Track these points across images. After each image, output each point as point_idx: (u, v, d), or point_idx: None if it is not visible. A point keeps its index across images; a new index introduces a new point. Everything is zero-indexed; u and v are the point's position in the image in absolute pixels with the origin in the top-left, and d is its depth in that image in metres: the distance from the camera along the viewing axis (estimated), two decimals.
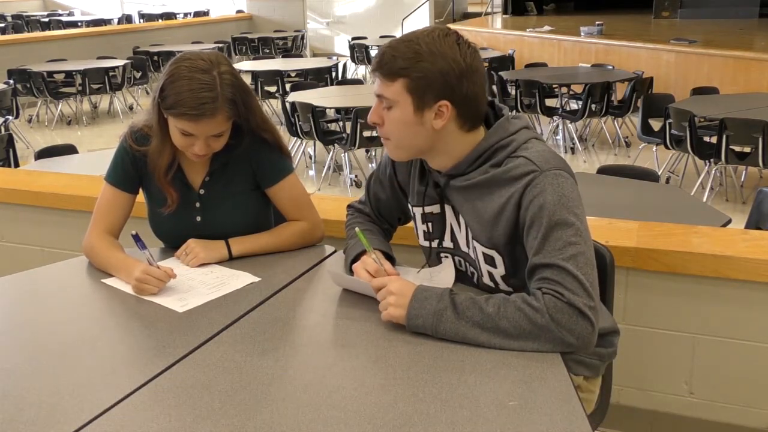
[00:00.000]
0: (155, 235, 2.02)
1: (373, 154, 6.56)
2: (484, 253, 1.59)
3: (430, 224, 1.71)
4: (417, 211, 1.73)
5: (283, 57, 10.89)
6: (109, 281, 1.80)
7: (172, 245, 1.99)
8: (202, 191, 1.94)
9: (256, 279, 1.78)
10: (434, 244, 1.72)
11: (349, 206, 1.96)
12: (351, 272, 1.71)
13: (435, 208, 1.68)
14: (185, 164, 1.93)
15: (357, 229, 1.68)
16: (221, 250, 1.89)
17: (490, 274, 1.61)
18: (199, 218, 1.95)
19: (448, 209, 1.66)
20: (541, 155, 1.50)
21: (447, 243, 1.70)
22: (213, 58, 1.76)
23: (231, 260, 1.89)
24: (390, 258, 1.75)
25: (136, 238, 1.75)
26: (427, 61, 1.46)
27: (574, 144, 6.91)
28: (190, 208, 1.95)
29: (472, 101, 1.51)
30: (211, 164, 1.93)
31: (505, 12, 14.44)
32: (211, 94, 1.70)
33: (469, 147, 1.55)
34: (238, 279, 1.78)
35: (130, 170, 1.94)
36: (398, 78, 1.48)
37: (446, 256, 1.73)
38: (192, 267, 1.85)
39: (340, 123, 6.24)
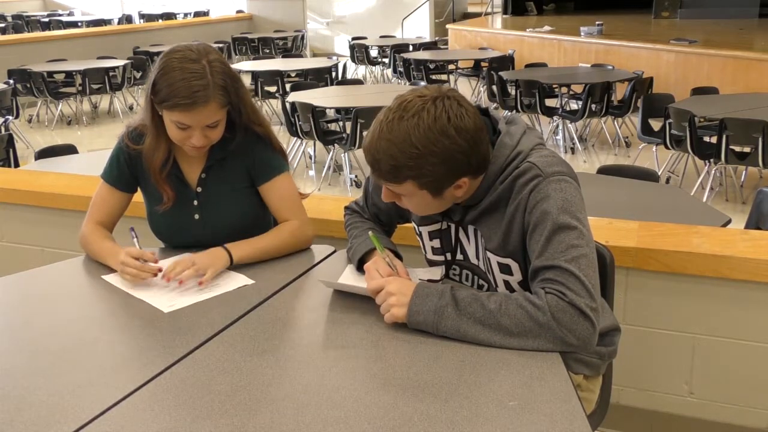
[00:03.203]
0: (154, 234, 2.02)
1: None
2: (499, 263, 1.59)
3: (438, 240, 1.71)
4: (424, 230, 1.73)
5: (283, 57, 10.88)
6: (108, 277, 1.80)
7: (171, 244, 1.99)
8: (199, 189, 1.94)
9: (250, 282, 1.77)
10: (447, 257, 1.72)
11: (346, 207, 1.96)
12: (362, 272, 1.70)
13: (443, 224, 1.68)
14: (182, 162, 1.93)
15: (370, 233, 1.68)
16: (223, 257, 1.82)
17: (506, 282, 1.61)
18: (197, 216, 1.95)
19: (452, 224, 1.66)
20: (545, 160, 1.50)
21: (458, 256, 1.70)
22: (201, 48, 1.77)
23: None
24: (398, 256, 1.75)
25: (132, 231, 1.86)
26: (430, 162, 1.41)
27: (574, 144, 6.91)
28: (188, 206, 1.95)
29: (484, 161, 1.50)
30: (206, 160, 1.93)
31: (505, 12, 14.44)
32: (203, 82, 1.71)
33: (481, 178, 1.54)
34: (232, 281, 1.77)
35: (125, 170, 1.95)
36: (406, 180, 1.46)
37: (455, 269, 1.73)
38: (204, 282, 1.73)
39: (340, 123, 6.25)
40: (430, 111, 1.40)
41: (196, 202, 1.95)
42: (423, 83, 7.95)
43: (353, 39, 11.87)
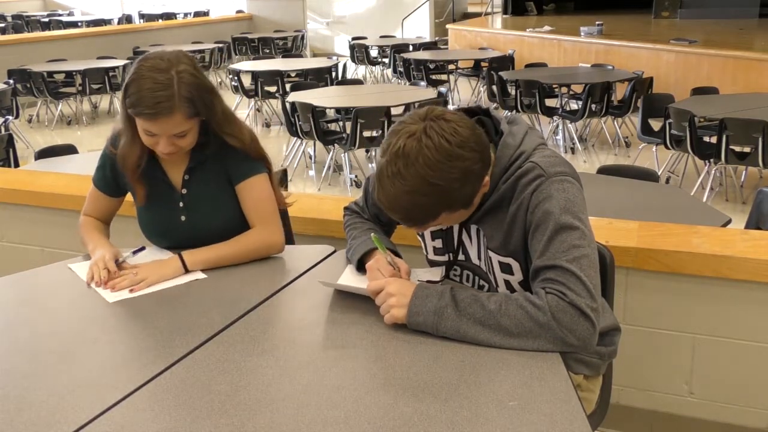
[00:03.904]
0: (144, 236, 2.03)
1: (373, 154, 6.56)
2: (500, 262, 1.59)
3: (440, 240, 1.71)
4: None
5: (283, 57, 10.88)
6: (73, 266, 1.90)
7: (161, 246, 2.00)
8: (184, 190, 1.95)
9: (202, 276, 1.81)
10: (449, 257, 1.72)
11: (345, 208, 1.96)
12: (363, 271, 1.70)
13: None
14: (165, 163, 1.95)
15: (372, 235, 1.68)
16: (174, 265, 1.84)
17: (507, 282, 1.61)
18: (183, 218, 1.96)
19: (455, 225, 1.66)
20: (548, 160, 1.50)
21: (460, 256, 1.70)
22: (173, 57, 1.77)
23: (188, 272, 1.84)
24: (398, 257, 1.74)
25: (138, 250, 1.95)
26: (454, 187, 1.41)
27: (574, 144, 6.91)
28: (174, 208, 1.96)
29: (489, 153, 1.50)
30: (189, 162, 1.94)
31: (505, 12, 14.44)
32: (167, 93, 1.71)
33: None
34: (184, 277, 1.82)
35: (110, 176, 1.99)
36: (439, 215, 1.46)
37: (456, 270, 1.73)
38: (141, 290, 1.76)
39: (340, 123, 6.25)
40: (428, 145, 1.38)
41: (181, 204, 1.95)
42: (423, 83, 7.95)
43: (353, 39, 11.85)
